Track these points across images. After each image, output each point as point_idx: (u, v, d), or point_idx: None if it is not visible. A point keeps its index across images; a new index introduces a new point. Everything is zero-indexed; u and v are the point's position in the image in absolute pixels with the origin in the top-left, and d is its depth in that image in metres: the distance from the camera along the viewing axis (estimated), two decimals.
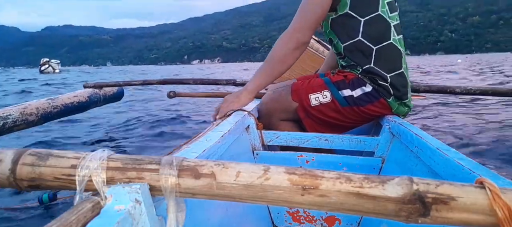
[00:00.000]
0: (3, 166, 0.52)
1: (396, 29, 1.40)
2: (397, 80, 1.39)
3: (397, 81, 1.39)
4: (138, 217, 0.50)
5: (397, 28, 1.41)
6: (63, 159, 0.52)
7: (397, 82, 1.38)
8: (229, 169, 0.50)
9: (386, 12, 1.38)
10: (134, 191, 0.50)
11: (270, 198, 0.49)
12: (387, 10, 1.38)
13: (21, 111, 2.10)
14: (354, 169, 1.24)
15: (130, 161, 0.52)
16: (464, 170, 0.72)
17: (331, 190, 0.47)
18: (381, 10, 1.36)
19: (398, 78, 1.39)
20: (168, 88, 2.73)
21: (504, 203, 0.42)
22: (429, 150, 0.91)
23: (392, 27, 1.38)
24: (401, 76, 1.40)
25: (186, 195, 0.51)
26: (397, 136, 1.21)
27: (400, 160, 1.18)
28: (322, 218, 1.29)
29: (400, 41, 1.42)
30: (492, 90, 2.02)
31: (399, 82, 1.39)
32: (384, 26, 1.38)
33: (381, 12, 1.36)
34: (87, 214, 0.47)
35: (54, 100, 2.45)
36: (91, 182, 0.50)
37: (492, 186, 0.44)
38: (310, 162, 1.32)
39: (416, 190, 0.45)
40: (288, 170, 0.49)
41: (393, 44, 1.39)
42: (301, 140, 1.39)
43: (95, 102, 2.87)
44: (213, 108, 1.45)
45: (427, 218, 0.45)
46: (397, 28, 1.41)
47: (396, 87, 1.38)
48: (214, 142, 0.92)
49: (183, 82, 2.72)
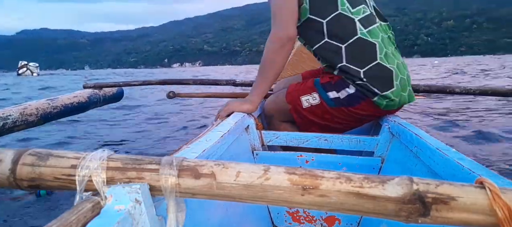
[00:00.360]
0: (3, 166, 0.52)
1: (365, 22, 1.36)
2: (373, 71, 1.34)
3: (374, 72, 1.33)
4: (138, 217, 0.50)
5: (367, 20, 1.37)
6: (63, 159, 0.52)
7: (373, 73, 1.33)
8: (229, 169, 0.50)
9: (347, 9, 1.36)
10: (134, 191, 0.50)
11: (270, 198, 0.49)
12: (348, 7, 1.36)
13: (21, 112, 2.10)
14: (353, 168, 1.24)
15: (130, 161, 0.52)
16: (464, 169, 0.72)
17: (331, 190, 0.47)
18: (341, 8, 1.35)
19: (374, 69, 1.34)
20: (167, 89, 2.73)
21: (504, 203, 0.42)
22: (429, 150, 0.91)
23: (358, 22, 1.35)
24: (378, 66, 1.34)
25: (186, 195, 0.51)
26: (397, 135, 1.21)
27: (399, 159, 1.18)
28: (322, 218, 1.29)
29: (372, 32, 1.36)
30: (491, 90, 2.02)
31: (376, 73, 1.34)
32: (348, 23, 1.35)
33: (342, 10, 1.35)
34: (87, 214, 0.47)
35: (53, 100, 2.45)
36: (91, 182, 0.50)
37: (492, 186, 0.44)
38: (309, 162, 1.32)
39: (416, 190, 0.45)
40: (288, 170, 0.49)
41: (362, 38, 1.34)
42: (300, 140, 1.39)
43: (94, 103, 2.87)
44: (213, 108, 1.45)
45: (427, 218, 0.45)
46: (367, 20, 1.37)
47: (374, 78, 1.33)
48: (214, 142, 0.92)
49: (183, 82, 2.72)
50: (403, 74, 1.39)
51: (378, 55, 1.34)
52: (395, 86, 1.35)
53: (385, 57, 1.35)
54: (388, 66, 1.35)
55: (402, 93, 1.38)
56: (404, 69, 1.42)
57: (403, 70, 1.40)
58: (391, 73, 1.35)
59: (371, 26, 1.37)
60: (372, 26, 1.37)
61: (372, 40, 1.34)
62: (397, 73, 1.36)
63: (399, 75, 1.36)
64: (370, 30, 1.36)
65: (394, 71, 1.35)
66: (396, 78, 1.36)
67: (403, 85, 1.39)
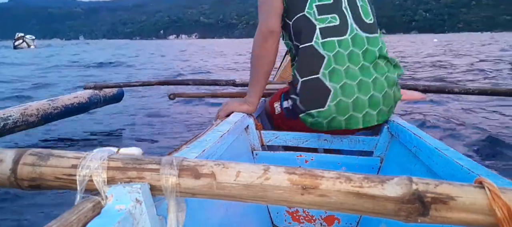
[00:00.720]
0: (4, 166, 0.53)
1: (326, 32, 1.25)
2: (308, 85, 1.24)
3: (308, 86, 1.24)
4: (139, 216, 0.50)
5: (330, 30, 1.25)
6: (63, 159, 0.52)
7: (307, 87, 1.24)
8: (229, 169, 0.50)
9: (313, 14, 1.27)
10: (135, 191, 0.50)
11: (270, 198, 0.49)
12: (314, 11, 1.27)
13: (21, 113, 2.11)
14: (353, 168, 1.24)
15: (131, 160, 0.52)
16: (463, 169, 0.72)
17: (331, 190, 0.47)
18: (307, 11, 1.28)
19: (311, 83, 1.24)
20: (167, 89, 2.73)
21: (504, 203, 0.42)
22: (428, 150, 0.91)
23: (318, 29, 1.25)
24: (316, 81, 1.23)
25: (186, 194, 0.51)
26: (396, 135, 1.21)
27: (399, 159, 1.19)
28: (321, 217, 1.29)
29: (327, 44, 1.24)
30: (491, 90, 2.03)
31: (309, 88, 1.24)
32: (307, 27, 1.27)
33: (307, 12, 1.28)
34: (88, 213, 0.47)
35: (54, 101, 2.45)
36: (92, 182, 0.50)
37: (491, 186, 0.44)
38: (309, 162, 1.32)
39: (415, 189, 0.45)
40: (288, 170, 0.49)
41: (314, 47, 1.25)
42: (300, 140, 1.39)
43: (95, 104, 2.88)
44: (213, 109, 1.46)
45: (426, 217, 0.45)
46: (330, 30, 1.25)
47: (306, 93, 1.25)
48: (213, 142, 0.92)
49: (183, 83, 2.75)
50: (349, 97, 1.22)
51: (321, 70, 1.23)
52: (327, 107, 1.22)
53: (329, 74, 1.22)
54: (328, 84, 1.22)
55: (336, 116, 1.23)
56: (360, 92, 1.23)
57: (352, 93, 1.22)
58: (328, 92, 1.22)
59: (330, 38, 1.24)
60: (333, 37, 1.24)
61: (322, 52, 1.23)
62: (337, 94, 1.21)
63: (339, 97, 1.21)
64: (326, 41, 1.24)
65: (334, 91, 1.21)
66: (334, 99, 1.21)
67: (342, 109, 1.23)
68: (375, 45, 1.29)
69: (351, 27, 1.27)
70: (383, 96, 1.25)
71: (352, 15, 1.29)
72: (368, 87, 1.24)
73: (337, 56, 1.23)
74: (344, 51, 1.24)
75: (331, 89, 1.21)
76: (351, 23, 1.28)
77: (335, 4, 1.28)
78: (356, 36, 1.27)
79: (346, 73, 1.23)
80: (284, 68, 2.85)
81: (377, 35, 1.32)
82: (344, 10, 1.28)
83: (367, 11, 1.33)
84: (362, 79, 1.23)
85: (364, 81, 1.24)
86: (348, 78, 1.22)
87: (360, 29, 1.28)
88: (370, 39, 1.29)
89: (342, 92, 1.22)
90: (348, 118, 1.24)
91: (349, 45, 1.25)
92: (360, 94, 1.23)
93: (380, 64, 1.29)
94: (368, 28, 1.30)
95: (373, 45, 1.28)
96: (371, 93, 1.24)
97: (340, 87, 1.22)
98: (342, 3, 1.29)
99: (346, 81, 1.22)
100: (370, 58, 1.27)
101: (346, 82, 1.22)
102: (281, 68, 2.91)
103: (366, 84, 1.24)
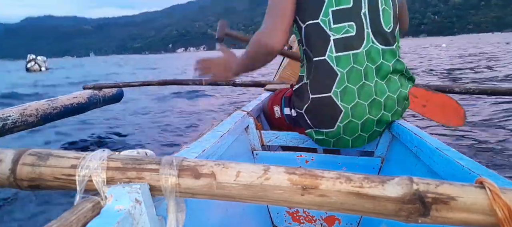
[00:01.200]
0: (3, 166, 0.52)
1: (341, 44, 1.14)
2: (319, 103, 1.17)
3: (318, 104, 1.17)
4: (138, 217, 0.50)
5: (345, 43, 1.14)
6: (63, 159, 0.52)
7: (317, 105, 1.17)
8: (229, 169, 0.50)
9: (328, 22, 1.14)
10: (134, 191, 0.50)
11: (270, 198, 0.49)
12: (329, 19, 1.14)
13: (20, 113, 2.11)
14: (353, 168, 1.24)
15: (130, 161, 0.52)
16: (463, 169, 0.72)
17: (331, 190, 0.47)
18: (321, 18, 1.14)
19: (321, 101, 1.16)
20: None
21: (504, 203, 0.42)
22: (429, 150, 0.91)
23: (332, 41, 1.13)
24: (327, 99, 1.15)
25: (186, 195, 0.51)
26: (397, 135, 1.21)
27: (399, 159, 1.18)
28: (321, 218, 1.29)
29: (341, 60, 1.14)
30: (491, 89, 2.02)
31: (319, 106, 1.17)
32: (320, 39, 1.15)
33: (321, 20, 1.14)
34: (87, 214, 0.47)
35: (53, 101, 2.45)
36: (91, 182, 0.50)
37: (492, 186, 0.44)
38: (309, 162, 1.32)
39: (416, 190, 0.45)
40: (288, 170, 0.49)
41: (327, 62, 1.14)
42: (300, 140, 1.39)
43: (94, 104, 2.88)
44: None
45: (427, 218, 0.45)
46: (345, 43, 1.14)
47: (315, 111, 1.18)
48: (213, 142, 0.92)
49: (183, 83, 2.76)
50: (360, 118, 1.16)
51: (333, 88, 1.14)
52: (336, 128, 1.17)
53: (341, 93, 1.14)
54: (339, 104, 1.15)
55: (344, 136, 1.19)
56: (371, 113, 1.17)
57: (364, 114, 1.16)
58: (339, 113, 1.15)
59: (345, 52, 1.14)
60: (347, 52, 1.14)
61: (336, 68, 1.14)
62: (348, 115, 1.15)
63: (350, 119, 1.16)
64: (340, 56, 1.14)
65: (345, 111, 1.15)
66: (344, 120, 1.16)
67: (351, 130, 1.18)
68: (390, 58, 1.18)
69: (367, 38, 1.16)
70: (392, 115, 1.21)
71: (371, 23, 1.16)
72: (379, 107, 1.18)
73: (351, 73, 1.14)
74: (359, 67, 1.14)
75: (342, 109, 1.15)
76: (367, 33, 1.16)
77: (354, 8, 1.15)
78: (371, 49, 1.16)
79: (359, 93, 1.15)
80: (284, 68, 2.85)
81: (393, 47, 1.20)
82: (362, 16, 1.15)
83: (388, 17, 1.20)
84: (375, 99, 1.16)
85: (377, 101, 1.17)
86: (360, 98, 1.15)
87: (376, 40, 1.17)
88: (386, 52, 1.18)
89: (353, 113, 1.16)
90: (355, 138, 1.21)
91: (364, 60, 1.15)
92: (370, 115, 1.17)
93: (394, 79, 1.20)
94: (385, 39, 1.18)
95: (388, 58, 1.18)
96: (382, 113, 1.19)
97: (351, 108, 1.15)
98: (362, 8, 1.16)
99: (359, 101, 1.15)
100: (384, 74, 1.17)
101: (358, 102, 1.15)
102: (281, 68, 2.91)
103: (378, 104, 1.17)
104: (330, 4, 1.13)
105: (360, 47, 1.14)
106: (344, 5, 1.14)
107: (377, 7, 1.17)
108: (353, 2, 1.14)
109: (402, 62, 1.23)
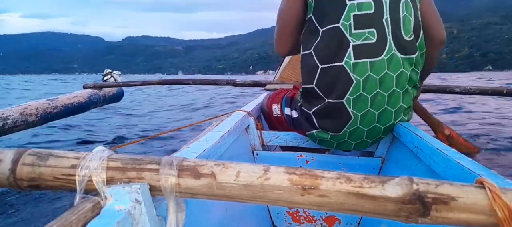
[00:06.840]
0: (3, 166, 0.52)
1: (360, 51, 1.10)
2: (329, 108, 1.15)
3: (329, 109, 1.16)
4: (138, 217, 0.50)
5: (364, 50, 1.10)
6: (63, 159, 0.52)
7: (327, 110, 1.16)
8: (229, 169, 0.50)
9: (348, 27, 1.10)
10: (134, 191, 0.50)
11: (270, 198, 0.49)
12: (350, 24, 1.10)
13: (20, 112, 2.11)
14: (353, 169, 1.24)
15: (130, 161, 0.52)
16: (464, 170, 0.72)
17: (331, 190, 0.47)
18: (342, 22, 1.10)
19: (332, 106, 1.15)
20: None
21: (504, 203, 0.42)
22: (429, 150, 0.91)
23: (351, 47, 1.10)
24: (339, 105, 1.14)
25: (186, 195, 0.51)
26: (397, 136, 1.21)
27: (399, 160, 1.18)
28: (321, 218, 1.29)
29: (359, 67, 1.10)
30: (491, 90, 2.02)
31: (329, 111, 1.16)
32: (338, 43, 1.11)
33: (342, 24, 1.10)
34: (87, 214, 0.47)
35: (53, 101, 2.45)
36: (91, 182, 0.50)
37: (492, 186, 0.44)
38: (309, 162, 1.32)
39: (416, 190, 0.45)
40: (288, 170, 0.49)
41: (344, 68, 1.11)
42: (300, 140, 1.39)
43: (94, 103, 2.87)
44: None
45: (427, 218, 0.45)
46: (364, 50, 1.10)
47: (323, 113, 1.18)
48: (213, 142, 0.92)
49: (183, 82, 2.74)
50: (367, 126, 1.15)
51: (347, 95, 1.12)
52: (342, 132, 1.17)
53: (354, 101, 1.12)
54: (350, 111, 1.13)
55: (348, 140, 1.20)
56: (379, 122, 1.16)
57: (372, 122, 1.15)
58: (348, 119, 1.14)
59: (364, 59, 1.10)
60: (366, 59, 1.10)
61: (352, 75, 1.11)
62: (356, 122, 1.14)
63: (357, 125, 1.15)
64: (358, 63, 1.10)
65: (354, 118, 1.14)
66: (351, 126, 1.15)
67: (356, 135, 1.18)
68: (408, 68, 1.14)
69: (389, 46, 1.11)
70: (398, 122, 1.20)
71: (392, 30, 1.12)
72: (389, 117, 1.16)
73: (367, 81, 1.10)
74: (375, 75, 1.10)
75: (352, 117, 1.13)
76: (389, 40, 1.11)
77: (376, 15, 1.11)
78: (393, 57, 1.11)
79: (372, 102, 1.12)
80: (284, 68, 2.85)
81: (411, 57, 1.15)
82: (384, 22, 1.11)
83: (408, 25, 1.15)
84: (386, 109, 1.14)
85: (388, 111, 1.14)
86: (372, 107, 1.12)
87: (397, 49, 1.12)
88: (406, 61, 1.13)
89: (361, 121, 1.14)
90: (359, 143, 1.21)
91: (384, 68, 1.10)
92: (378, 123, 1.16)
93: (409, 90, 1.18)
94: (405, 48, 1.14)
95: (406, 67, 1.14)
96: (390, 122, 1.17)
97: (361, 115, 1.13)
98: (384, 14, 1.11)
99: (370, 110, 1.13)
100: (402, 83, 1.13)
101: (369, 111, 1.13)
102: (281, 68, 2.91)
103: (389, 113, 1.15)
104: (352, 8, 1.10)
105: (380, 55, 1.11)
106: (366, 11, 1.10)
107: (398, 14, 1.13)
108: (375, 8, 1.11)
109: (417, 72, 1.21)
